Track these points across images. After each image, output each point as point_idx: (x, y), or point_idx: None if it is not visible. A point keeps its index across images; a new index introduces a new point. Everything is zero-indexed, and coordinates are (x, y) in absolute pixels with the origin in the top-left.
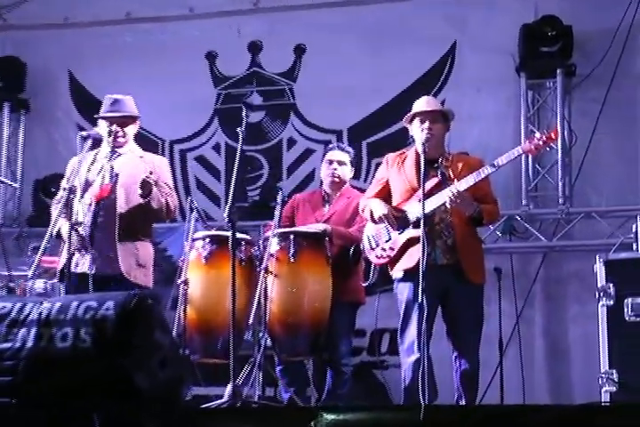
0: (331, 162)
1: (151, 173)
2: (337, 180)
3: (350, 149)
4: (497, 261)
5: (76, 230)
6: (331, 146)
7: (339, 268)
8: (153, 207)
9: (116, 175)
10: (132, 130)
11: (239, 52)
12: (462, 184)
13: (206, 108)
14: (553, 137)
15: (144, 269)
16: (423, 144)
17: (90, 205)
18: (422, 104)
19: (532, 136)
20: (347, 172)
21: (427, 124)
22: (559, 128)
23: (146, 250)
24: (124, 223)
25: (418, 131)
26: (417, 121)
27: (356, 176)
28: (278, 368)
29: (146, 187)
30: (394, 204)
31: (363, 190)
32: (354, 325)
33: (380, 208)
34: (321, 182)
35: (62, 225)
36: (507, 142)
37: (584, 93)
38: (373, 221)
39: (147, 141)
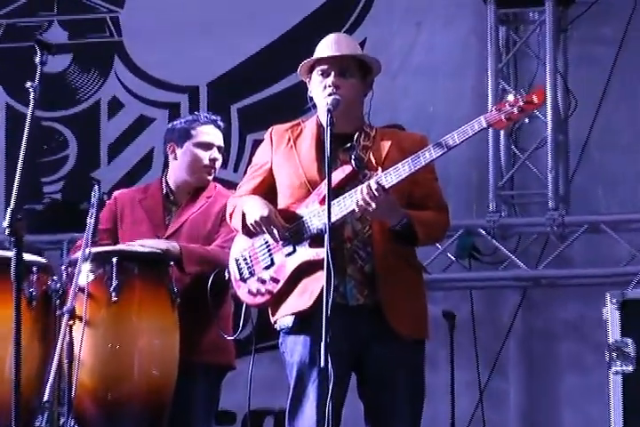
0: (208, 146)
1: None
2: (212, 176)
3: (221, 123)
4: (448, 300)
5: None
6: (198, 117)
7: (191, 311)
8: None
9: None
10: None
11: None
12: (390, 176)
13: None
14: (536, 101)
15: None
16: (329, 111)
17: None
18: (327, 46)
19: (502, 100)
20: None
21: (331, 79)
22: (549, 87)
23: None
24: None
25: (319, 89)
26: (317, 73)
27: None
28: None
29: None
30: (281, 205)
31: (232, 186)
32: (217, 403)
33: (256, 210)
34: (163, 172)
35: None
36: (464, 110)
37: (588, 32)
38: (246, 231)
39: None
